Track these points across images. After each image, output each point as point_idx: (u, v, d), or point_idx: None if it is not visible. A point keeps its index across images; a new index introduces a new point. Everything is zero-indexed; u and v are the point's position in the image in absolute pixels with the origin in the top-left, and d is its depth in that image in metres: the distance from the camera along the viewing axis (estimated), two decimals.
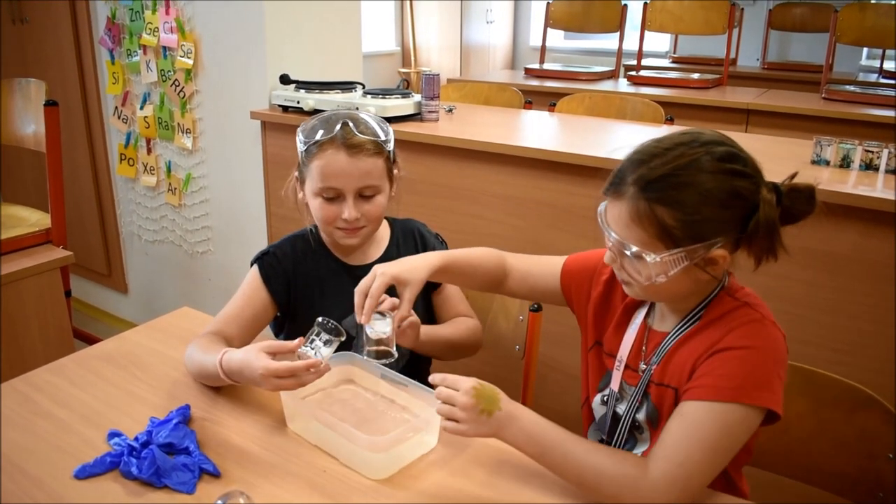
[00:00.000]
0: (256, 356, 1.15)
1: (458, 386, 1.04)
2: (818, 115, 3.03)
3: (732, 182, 0.99)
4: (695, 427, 0.98)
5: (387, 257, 1.50)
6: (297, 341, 1.17)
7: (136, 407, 1.25)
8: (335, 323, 1.19)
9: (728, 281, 1.10)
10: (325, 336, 1.18)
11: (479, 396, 1.03)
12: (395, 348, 1.20)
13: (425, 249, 1.53)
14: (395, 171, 1.48)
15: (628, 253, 1.03)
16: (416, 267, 1.19)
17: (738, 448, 1.01)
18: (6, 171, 3.60)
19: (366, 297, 1.16)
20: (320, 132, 1.40)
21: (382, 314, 1.20)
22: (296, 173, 1.49)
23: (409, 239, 1.55)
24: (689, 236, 0.99)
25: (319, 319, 1.20)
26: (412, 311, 1.24)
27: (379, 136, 1.42)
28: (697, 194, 0.98)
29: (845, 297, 1.68)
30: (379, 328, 1.18)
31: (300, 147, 1.43)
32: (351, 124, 1.39)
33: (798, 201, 1.02)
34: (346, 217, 1.39)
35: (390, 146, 1.44)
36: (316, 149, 1.39)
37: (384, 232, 1.54)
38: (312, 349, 1.17)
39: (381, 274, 1.17)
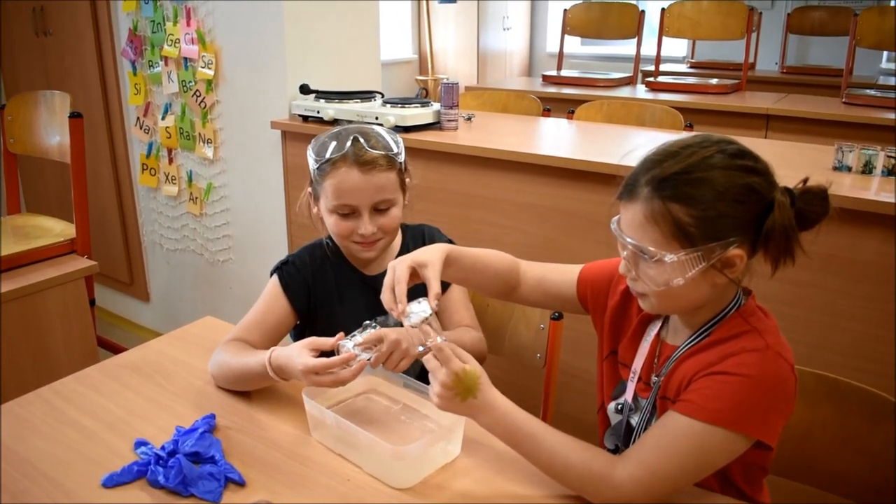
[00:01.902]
0: (298, 353, 1.19)
1: (446, 364, 1.06)
2: (839, 119, 3.00)
3: (746, 178, 0.99)
4: (672, 439, 1.00)
5: None
6: (337, 337, 1.20)
7: (162, 416, 1.27)
8: (376, 324, 1.21)
9: (745, 301, 1.08)
10: (365, 333, 1.20)
11: (457, 384, 1.05)
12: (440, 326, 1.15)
13: None
14: (408, 180, 1.48)
15: (645, 256, 1.02)
16: (428, 250, 1.18)
17: (714, 468, 1.01)
18: (31, 182, 3.65)
19: (393, 290, 1.12)
20: (332, 149, 1.40)
21: (416, 301, 1.14)
22: (309, 189, 1.50)
23: (417, 242, 1.56)
24: (705, 234, 0.98)
25: (366, 322, 1.23)
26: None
27: (391, 150, 1.42)
28: (712, 190, 0.98)
29: (869, 304, 1.66)
30: (419, 310, 1.12)
31: (312, 165, 1.44)
32: (362, 140, 1.40)
33: (811, 203, 1.01)
34: (363, 233, 1.41)
35: (402, 158, 1.45)
36: (329, 167, 1.40)
37: (397, 239, 1.56)
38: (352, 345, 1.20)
39: (400, 261, 1.15)
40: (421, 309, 1.11)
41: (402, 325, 1.14)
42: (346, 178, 1.39)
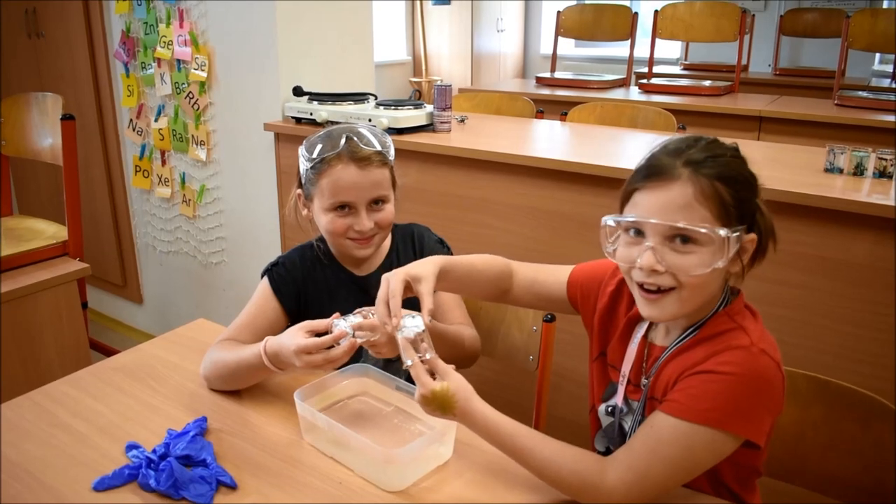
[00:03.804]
0: (291, 335, 1.22)
1: (416, 381, 1.07)
2: (831, 121, 3.02)
3: (750, 170, 1.04)
4: (659, 441, 1.00)
5: (388, 263, 1.53)
6: (332, 317, 1.22)
7: (154, 419, 1.27)
8: (373, 314, 1.22)
9: (731, 300, 1.09)
10: (359, 315, 1.21)
11: (429, 402, 1.07)
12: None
13: (422, 250, 1.55)
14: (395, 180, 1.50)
15: (700, 232, 0.98)
16: (422, 264, 1.18)
17: (703, 468, 1.01)
18: (23, 184, 3.64)
19: (387, 303, 1.12)
20: (325, 148, 1.41)
21: (410, 315, 1.14)
22: (298, 191, 1.50)
23: (407, 243, 1.57)
24: (738, 215, 1.01)
25: (364, 308, 1.24)
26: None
27: (382, 148, 1.44)
28: (742, 175, 1.02)
29: (860, 305, 1.67)
30: (412, 325, 1.11)
31: (304, 165, 1.45)
32: (355, 138, 1.41)
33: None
34: (361, 229, 1.41)
35: (392, 156, 1.47)
36: (324, 165, 1.41)
37: (386, 240, 1.56)
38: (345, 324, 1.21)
39: (394, 274, 1.15)
40: (414, 324, 1.11)
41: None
42: (342, 175, 1.40)
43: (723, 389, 0.98)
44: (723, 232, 0.99)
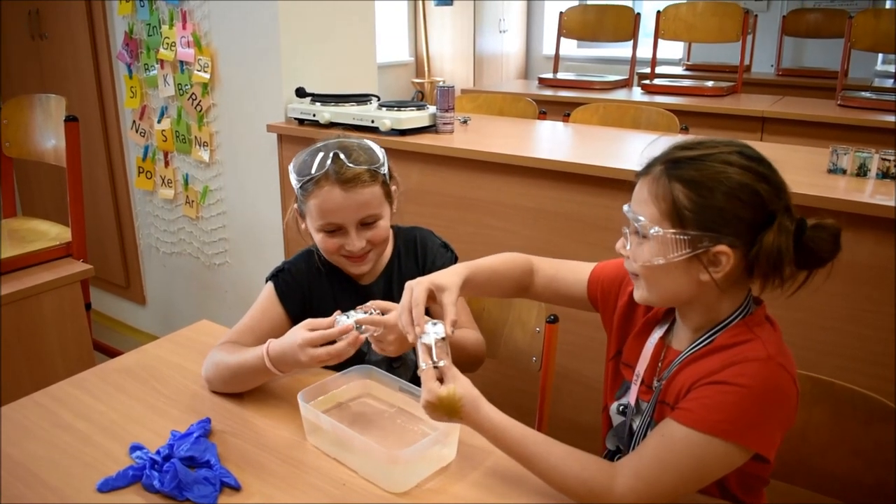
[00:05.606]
0: (295, 332, 1.23)
1: (424, 386, 1.07)
2: (834, 122, 3.02)
3: (755, 183, 0.99)
4: (670, 450, 0.99)
5: (389, 270, 1.52)
6: (335, 314, 1.23)
7: (157, 420, 1.27)
8: (376, 311, 1.24)
9: (752, 310, 1.08)
10: (361, 311, 1.23)
11: (436, 408, 1.07)
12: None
13: (424, 258, 1.54)
14: (394, 188, 1.48)
15: (638, 229, 1.05)
16: (447, 273, 1.18)
17: (713, 478, 1.01)
18: (27, 185, 3.65)
19: (410, 312, 1.12)
20: (313, 168, 1.39)
21: (432, 321, 1.14)
22: (295, 205, 1.49)
23: (409, 248, 1.55)
24: (698, 222, 0.99)
25: (367, 304, 1.26)
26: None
27: (372, 163, 1.41)
28: (717, 182, 0.99)
29: (863, 306, 1.67)
30: (433, 331, 1.11)
31: (295, 184, 1.43)
32: (342, 156, 1.38)
33: (821, 239, 1.01)
34: (352, 249, 1.41)
35: (384, 169, 1.44)
36: (311, 186, 1.39)
37: (388, 245, 1.55)
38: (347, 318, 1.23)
39: (418, 283, 1.14)
40: (435, 331, 1.11)
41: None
42: (328, 198, 1.38)
43: (737, 402, 0.98)
44: (653, 230, 1.02)
